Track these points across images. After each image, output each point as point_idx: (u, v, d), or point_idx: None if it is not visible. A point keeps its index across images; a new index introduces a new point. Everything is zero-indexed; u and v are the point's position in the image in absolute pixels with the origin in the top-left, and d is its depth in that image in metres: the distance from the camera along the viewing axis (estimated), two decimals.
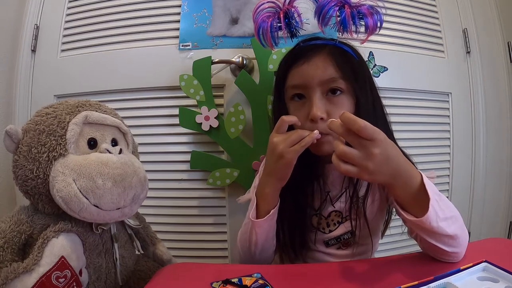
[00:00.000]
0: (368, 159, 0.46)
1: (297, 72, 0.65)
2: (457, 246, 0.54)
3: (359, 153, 0.46)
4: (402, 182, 0.50)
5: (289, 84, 0.67)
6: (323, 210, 0.70)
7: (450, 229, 0.51)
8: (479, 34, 1.19)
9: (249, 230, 0.65)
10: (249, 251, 0.66)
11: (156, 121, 1.04)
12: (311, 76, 0.63)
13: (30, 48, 1.08)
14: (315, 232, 0.70)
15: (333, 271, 0.56)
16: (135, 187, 0.57)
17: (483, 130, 1.19)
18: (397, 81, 1.08)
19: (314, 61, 0.64)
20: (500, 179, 1.23)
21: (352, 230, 0.68)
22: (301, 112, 0.64)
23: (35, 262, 0.49)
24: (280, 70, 0.71)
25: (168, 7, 1.05)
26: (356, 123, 0.45)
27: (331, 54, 0.65)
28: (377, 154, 0.46)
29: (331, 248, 0.71)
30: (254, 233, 0.64)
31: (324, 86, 0.63)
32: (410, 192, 0.50)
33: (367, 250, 0.72)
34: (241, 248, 0.69)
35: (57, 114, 0.57)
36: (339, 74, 0.63)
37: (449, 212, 0.52)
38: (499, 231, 1.23)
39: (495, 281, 0.45)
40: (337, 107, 0.63)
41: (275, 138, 0.61)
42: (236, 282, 0.51)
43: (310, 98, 0.63)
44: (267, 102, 0.94)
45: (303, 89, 0.65)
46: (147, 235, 0.74)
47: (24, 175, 0.55)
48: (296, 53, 0.68)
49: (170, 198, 1.04)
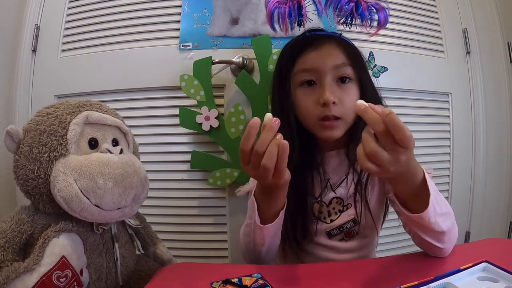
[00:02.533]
0: (394, 164, 0.44)
1: (308, 57, 0.67)
2: (448, 241, 0.55)
3: (388, 157, 0.43)
4: (408, 179, 0.50)
5: (298, 69, 0.67)
6: (324, 197, 0.70)
7: (445, 224, 0.52)
8: (479, 34, 1.19)
9: (254, 233, 0.61)
10: (254, 252, 0.64)
11: (156, 121, 1.04)
12: (324, 61, 0.65)
13: (30, 48, 1.08)
14: (316, 222, 0.69)
15: (333, 271, 0.56)
16: (136, 187, 0.57)
17: (483, 130, 1.19)
18: (397, 81, 1.08)
19: (326, 48, 0.66)
20: (500, 179, 1.23)
21: (355, 218, 0.68)
22: (310, 98, 0.65)
23: (36, 261, 0.50)
24: (286, 56, 0.71)
25: (169, 7, 1.05)
26: (403, 133, 0.42)
27: (339, 43, 0.68)
28: (403, 161, 0.44)
29: (334, 240, 0.70)
30: (261, 237, 0.60)
31: (335, 72, 0.65)
32: (413, 188, 0.50)
33: (370, 244, 0.72)
34: (245, 249, 0.66)
35: (58, 114, 0.57)
36: (349, 61, 0.66)
37: (444, 208, 0.53)
38: (499, 231, 1.23)
39: (495, 281, 0.45)
40: (347, 93, 0.65)
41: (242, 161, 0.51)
42: (236, 282, 0.51)
43: (322, 82, 0.65)
44: (267, 102, 0.94)
45: (315, 73, 0.65)
46: (147, 235, 0.74)
47: (25, 175, 0.55)
48: (305, 41, 0.69)
49: (170, 198, 1.04)
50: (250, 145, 0.49)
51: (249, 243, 0.63)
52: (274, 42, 0.98)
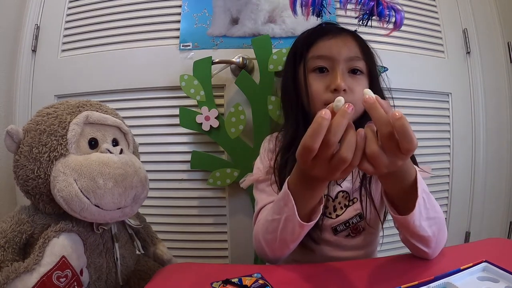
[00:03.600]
0: (390, 167, 0.43)
1: (324, 44, 0.69)
2: (434, 247, 0.55)
3: (387, 160, 0.42)
4: (398, 177, 0.48)
5: (313, 54, 0.70)
6: (330, 191, 0.69)
7: (431, 229, 0.51)
8: (479, 34, 1.19)
9: (284, 230, 0.55)
10: (280, 249, 0.59)
11: (156, 121, 1.04)
12: (339, 50, 0.67)
13: (30, 48, 1.08)
14: (322, 218, 0.67)
15: (333, 271, 0.56)
16: (136, 187, 0.57)
17: (483, 130, 1.19)
18: (397, 81, 1.07)
19: (342, 38, 0.69)
20: (500, 179, 1.23)
21: (361, 213, 0.68)
22: (321, 83, 0.67)
23: (36, 261, 0.50)
24: (302, 42, 0.74)
25: (169, 7, 1.05)
26: (412, 143, 0.39)
27: (355, 37, 0.72)
28: (400, 165, 0.43)
29: (340, 236, 0.69)
30: (297, 234, 0.55)
31: (349, 63, 0.68)
32: (402, 188, 0.49)
33: (374, 241, 0.72)
34: (266, 246, 0.61)
35: (58, 114, 0.57)
36: (362, 56, 0.69)
37: (433, 212, 0.52)
38: (499, 231, 1.23)
39: (495, 281, 0.45)
40: (358, 84, 0.67)
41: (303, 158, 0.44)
42: (236, 282, 0.51)
43: (334, 70, 0.67)
44: (267, 102, 0.94)
45: (328, 60, 0.68)
46: (147, 235, 0.74)
47: (25, 175, 0.55)
48: (322, 30, 0.72)
49: (170, 198, 1.04)
50: (319, 140, 0.41)
51: (273, 240, 0.58)
52: (274, 42, 0.98)
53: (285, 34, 1.01)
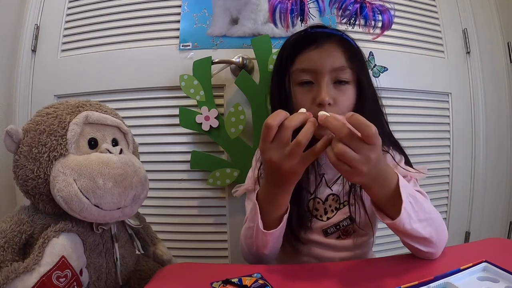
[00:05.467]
0: (365, 163, 0.45)
1: (308, 56, 0.67)
2: (433, 247, 0.55)
3: (358, 156, 0.44)
4: (380, 183, 0.49)
5: (297, 67, 0.68)
6: (319, 194, 0.70)
7: (425, 230, 0.51)
8: (479, 34, 1.19)
9: (256, 237, 0.60)
10: (257, 254, 0.63)
11: (156, 121, 1.04)
12: (323, 62, 0.65)
13: (30, 48, 1.08)
14: (311, 220, 0.69)
15: (333, 271, 0.56)
16: (136, 187, 0.57)
17: (483, 130, 1.19)
18: (397, 81, 1.08)
19: (326, 48, 0.66)
20: (500, 179, 1.23)
21: (351, 215, 0.68)
22: (307, 97, 0.66)
23: (35, 262, 0.50)
24: (287, 52, 0.71)
25: (168, 7, 1.05)
26: (369, 129, 0.43)
27: (341, 43, 0.67)
28: (373, 159, 0.45)
29: (331, 238, 0.70)
30: (264, 241, 0.59)
31: (333, 74, 0.65)
32: (386, 194, 0.50)
33: (366, 242, 0.72)
34: (247, 250, 0.65)
35: (58, 114, 0.57)
36: (348, 64, 0.66)
37: (425, 214, 0.52)
38: (499, 231, 1.23)
39: (495, 281, 0.45)
40: (343, 95, 0.65)
41: (263, 139, 0.51)
42: (236, 282, 0.51)
43: (319, 83, 0.65)
44: (267, 102, 0.94)
45: (313, 74, 0.66)
46: (147, 235, 0.74)
47: (24, 175, 0.55)
48: (307, 37, 0.69)
49: (170, 198, 1.04)
50: (279, 120, 0.49)
51: (251, 245, 0.63)
52: (274, 42, 0.98)
53: (285, 34, 1.00)
